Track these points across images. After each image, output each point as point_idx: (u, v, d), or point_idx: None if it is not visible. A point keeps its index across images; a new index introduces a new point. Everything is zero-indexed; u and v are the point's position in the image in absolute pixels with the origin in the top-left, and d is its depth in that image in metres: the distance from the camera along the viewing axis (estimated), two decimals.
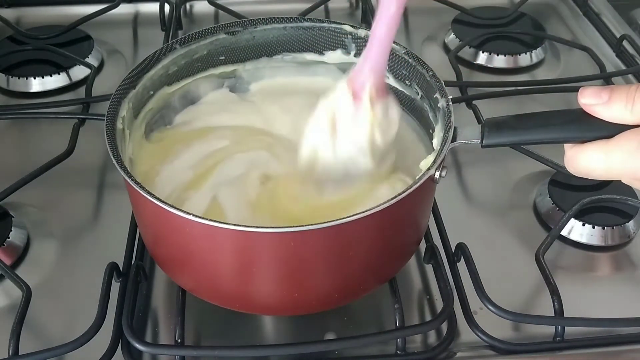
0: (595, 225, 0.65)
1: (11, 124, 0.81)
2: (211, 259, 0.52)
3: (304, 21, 0.65)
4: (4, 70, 0.85)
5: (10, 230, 0.64)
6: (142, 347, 0.54)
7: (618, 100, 0.45)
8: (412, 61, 0.61)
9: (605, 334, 0.58)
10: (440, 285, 0.59)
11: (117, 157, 0.51)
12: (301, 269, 0.51)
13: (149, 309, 0.61)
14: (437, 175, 0.52)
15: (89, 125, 0.77)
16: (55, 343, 0.55)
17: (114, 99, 0.57)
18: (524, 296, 0.61)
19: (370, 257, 0.53)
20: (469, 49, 0.91)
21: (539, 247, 0.62)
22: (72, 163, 0.71)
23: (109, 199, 0.71)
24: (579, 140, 0.48)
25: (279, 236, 0.48)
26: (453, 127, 0.53)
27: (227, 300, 0.55)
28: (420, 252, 0.64)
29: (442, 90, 0.57)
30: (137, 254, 0.62)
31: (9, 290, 0.61)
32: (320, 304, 0.55)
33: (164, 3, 0.98)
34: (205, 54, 0.64)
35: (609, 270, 0.65)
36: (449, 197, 0.70)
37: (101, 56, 0.91)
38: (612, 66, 0.90)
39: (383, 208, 0.47)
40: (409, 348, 0.56)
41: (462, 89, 0.83)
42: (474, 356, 0.57)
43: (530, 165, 0.72)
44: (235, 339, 0.58)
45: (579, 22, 1.00)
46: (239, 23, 0.65)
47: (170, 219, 0.49)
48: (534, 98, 0.82)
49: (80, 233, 0.67)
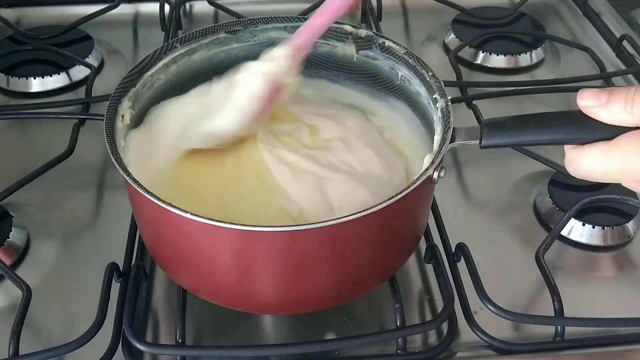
0: (595, 225, 0.65)
1: (11, 124, 0.81)
2: (210, 258, 0.52)
3: (305, 21, 0.65)
4: (4, 70, 0.85)
5: (10, 230, 0.64)
6: (142, 347, 0.54)
7: (617, 103, 0.45)
8: (412, 61, 0.61)
9: (605, 334, 0.58)
10: (441, 285, 0.59)
11: (117, 157, 0.51)
12: (299, 268, 0.51)
13: (149, 309, 0.61)
14: (435, 176, 0.52)
15: (89, 125, 0.77)
16: (55, 343, 0.55)
17: (113, 98, 0.57)
18: (524, 296, 0.61)
19: (369, 257, 0.53)
20: (469, 49, 0.91)
21: (539, 247, 0.62)
22: (72, 163, 0.71)
23: (109, 199, 0.71)
24: (578, 141, 0.48)
25: (277, 235, 0.48)
26: (452, 128, 0.53)
27: (226, 299, 0.55)
28: (420, 252, 0.64)
29: (441, 90, 0.57)
30: (137, 254, 0.62)
31: (9, 290, 0.61)
32: (318, 302, 0.55)
33: (164, 3, 0.98)
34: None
35: (609, 270, 0.65)
36: (449, 197, 0.70)
37: (101, 56, 0.91)
38: (612, 66, 0.90)
39: (380, 208, 0.47)
40: (409, 348, 0.56)
41: (462, 89, 0.83)
42: (474, 356, 0.57)
43: (530, 165, 0.72)
44: (236, 338, 0.58)
45: (579, 22, 1.00)
46: (239, 22, 0.65)
47: (169, 218, 0.49)
48: (533, 98, 0.82)
49: (80, 233, 0.67)
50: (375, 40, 0.63)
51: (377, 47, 0.63)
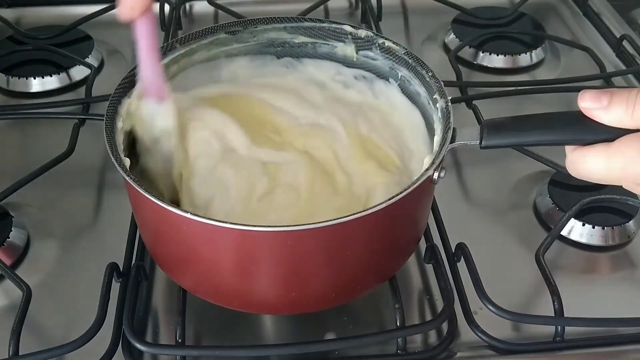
0: (595, 225, 0.65)
1: (11, 124, 0.81)
2: (210, 258, 0.52)
3: (304, 21, 0.65)
4: (4, 70, 0.85)
5: (10, 230, 0.64)
6: (142, 347, 0.54)
7: (618, 105, 0.45)
8: (412, 61, 0.61)
9: (605, 334, 0.58)
10: (441, 285, 0.59)
11: (117, 157, 0.51)
12: (299, 268, 0.51)
13: (149, 309, 0.61)
14: (435, 176, 0.52)
15: (89, 126, 0.77)
16: (55, 343, 0.55)
17: (113, 98, 0.57)
18: (524, 296, 0.61)
19: (368, 257, 0.53)
20: (469, 49, 0.91)
21: (539, 247, 0.62)
22: (72, 163, 0.71)
23: (109, 199, 0.71)
24: (578, 142, 0.47)
25: (277, 235, 0.48)
26: (452, 128, 0.53)
27: (226, 299, 0.55)
28: (420, 252, 0.64)
29: (441, 90, 0.57)
30: (137, 254, 0.62)
31: (9, 290, 0.61)
32: (318, 302, 0.55)
33: (164, 3, 0.98)
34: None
35: (609, 270, 0.65)
36: (449, 197, 0.70)
37: (101, 56, 0.91)
38: (612, 66, 0.90)
39: (380, 208, 0.47)
40: (409, 348, 0.56)
41: (462, 89, 0.83)
42: (474, 356, 0.57)
43: (530, 165, 0.72)
44: (236, 339, 0.58)
45: (579, 22, 1.00)
46: (239, 23, 0.65)
47: (169, 218, 0.49)
48: (533, 98, 0.82)
49: (80, 233, 0.67)
50: (375, 41, 0.63)
51: (377, 48, 0.63)
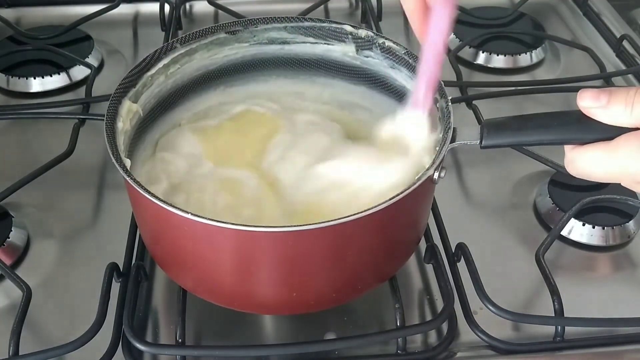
0: (595, 225, 0.65)
1: (11, 124, 0.81)
2: (210, 258, 0.52)
3: (305, 21, 0.65)
4: (4, 70, 0.85)
5: (10, 230, 0.64)
6: (142, 347, 0.54)
7: (617, 104, 0.45)
8: (412, 61, 0.61)
9: (605, 334, 0.58)
10: (441, 285, 0.59)
11: (117, 157, 0.51)
12: (299, 268, 0.51)
13: (149, 309, 0.61)
14: (436, 176, 0.52)
15: (89, 125, 0.77)
16: (55, 343, 0.55)
17: (113, 98, 0.57)
18: (524, 296, 0.61)
19: (369, 257, 0.53)
20: (469, 49, 0.91)
21: (539, 247, 0.62)
22: (72, 163, 0.71)
23: (109, 199, 0.71)
24: (578, 142, 0.48)
25: (277, 235, 0.48)
26: (452, 128, 0.53)
27: (226, 299, 0.55)
28: (420, 252, 0.64)
29: (441, 90, 0.57)
30: (137, 254, 0.62)
31: (9, 290, 0.61)
32: (318, 302, 0.55)
33: (164, 3, 0.98)
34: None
35: (609, 270, 0.65)
36: (449, 197, 0.70)
37: (101, 56, 0.91)
38: (612, 66, 0.90)
39: (381, 208, 0.47)
40: (409, 348, 0.56)
41: (462, 89, 0.83)
42: (474, 356, 0.57)
43: (530, 165, 0.72)
44: (236, 339, 0.58)
45: (579, 22, 1.00)
46: (239, 22, 0.65)
47: (169, 218, 0.49)
48: (533, 98, 0.82)
49: (80, 233, 0.67)
50: (375, 41, 0.63)
51: (377, 47, 0.63)
